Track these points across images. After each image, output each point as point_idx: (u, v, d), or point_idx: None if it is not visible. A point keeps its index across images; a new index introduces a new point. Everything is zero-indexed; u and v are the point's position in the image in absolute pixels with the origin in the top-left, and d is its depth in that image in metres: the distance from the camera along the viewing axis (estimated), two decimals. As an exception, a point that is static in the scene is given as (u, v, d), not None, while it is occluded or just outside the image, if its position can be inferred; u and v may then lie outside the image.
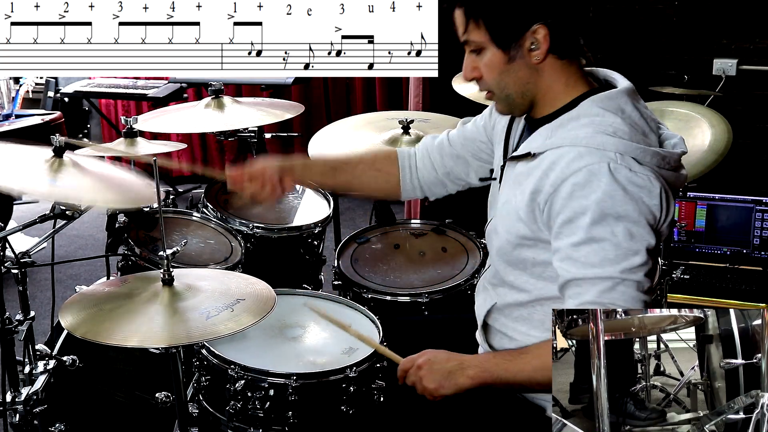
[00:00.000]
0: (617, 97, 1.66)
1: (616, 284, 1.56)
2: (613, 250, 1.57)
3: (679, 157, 1.68)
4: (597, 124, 1.63)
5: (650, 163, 1.60)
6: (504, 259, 1.80)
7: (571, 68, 1.69)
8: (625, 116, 1.64)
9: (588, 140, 1.61)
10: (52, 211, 2.15)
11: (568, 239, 1.60)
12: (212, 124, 2.91)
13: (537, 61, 1.65)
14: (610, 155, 1.59)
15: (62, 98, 4.73)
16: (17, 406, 2.17)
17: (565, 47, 1.66)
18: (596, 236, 1.57)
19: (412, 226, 2.87)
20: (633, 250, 1.57)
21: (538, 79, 1.69)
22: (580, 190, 1.58)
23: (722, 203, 3.09)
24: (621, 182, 1.57)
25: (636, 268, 1.57)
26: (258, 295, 1.92)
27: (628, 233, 1.57)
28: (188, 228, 2.70)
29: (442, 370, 1.69)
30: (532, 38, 1.63)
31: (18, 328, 2.19)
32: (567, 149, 1.62)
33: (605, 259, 1.57)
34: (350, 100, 5.05)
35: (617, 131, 1.61)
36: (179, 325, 1.77)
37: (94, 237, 4.62)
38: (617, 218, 1.56)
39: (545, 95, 1.71)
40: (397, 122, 2.76)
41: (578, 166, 1.59)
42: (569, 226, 1.60)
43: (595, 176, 1.57)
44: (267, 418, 1.95)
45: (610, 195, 1.56)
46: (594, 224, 1.57)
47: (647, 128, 1.66)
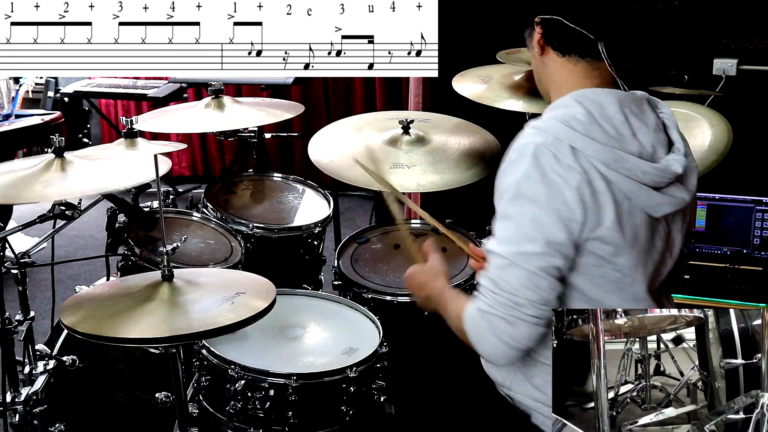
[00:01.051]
0: (601, 94, 1.66)
1: (508, 265, 1.59)
2: (514, 229, 1.60)
3: (658, 172, 1.61)
4: (560, 113, 1.64)
5: (594, 157, 1.57)
6: None
7: (576, 66, 1.69)
8: (601, 113, 1.62)
9: (539, 122, 1.64)
10: (51, 211, 2.15)
11: (496, 213, 1.65)
12: (212, 124, 2.91)
13: (538, 53, 1.74)
14: (546, 138, 1.60)
15: (62, 98, 4.73)
16: (17, 406, 2.17)
17: (563, 44, 1.69)
18: (507, 213, 1.61)
19: (412, 226, 2.87)
20: (530, 237, 1.58)
21: (544, 71, 1.76)
22: (510, 167, 1.63)
23: (722, 203, 3.09)
24: (542, 166, 1.58)
25: (528, 255, 1.58)
26: (258, 288, 1.91)
27: (533, 218, 1.58)
28: (188, 228, 2.70)
29: (417, 291, 1.89)
30: (535, 31, 1.72)
31: (18, 328, 2.19)
32: (526, 129, 1.67)
33: (506, 237, 1.61)
34: (350, 100, 5.05)
35: (571, 120, 1.61)
36: (180, 317, 1.76)
37: (94, 237, 4.62)
38: (529, 201, 1.58)
39: (552, 87, 1.75)
40: (397, 122, 2.75)
41: (516, 145, 1.64)
42: (498, 202, 1.65)
43: (522, 156, 1.61)
44: (267, 418, 1.95)
45: (528, 176, 1.59)
46: (509, 201, 1.61)
47: (629, 134, 1.62)
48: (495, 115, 2.95)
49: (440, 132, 2.81)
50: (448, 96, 3.04)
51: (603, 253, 1.61)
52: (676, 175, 1.64)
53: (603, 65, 1.68)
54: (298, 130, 4.61)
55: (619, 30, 1.69)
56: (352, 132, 2.84)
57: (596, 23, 1.67)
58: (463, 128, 2.88)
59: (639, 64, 3.75)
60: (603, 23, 1.67)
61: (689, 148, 1.74)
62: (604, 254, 1.61)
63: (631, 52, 1.72)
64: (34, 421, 2.20)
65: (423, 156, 2.67)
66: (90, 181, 2.06)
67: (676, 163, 1.65)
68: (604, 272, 1.63)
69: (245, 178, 3.08)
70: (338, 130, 2.88)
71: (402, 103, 4.55)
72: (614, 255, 1.62)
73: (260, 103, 3.03)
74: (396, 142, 2.72)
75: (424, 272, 1.89)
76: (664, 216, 1.66)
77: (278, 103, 3.07)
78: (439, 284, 1.84)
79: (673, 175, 1.64)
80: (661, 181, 1.63)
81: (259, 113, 2.90)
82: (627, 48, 1.71)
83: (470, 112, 3.00)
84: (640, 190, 1.61)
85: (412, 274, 1.92)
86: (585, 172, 1.57)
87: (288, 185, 3.08)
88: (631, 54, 1.72)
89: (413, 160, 2.64)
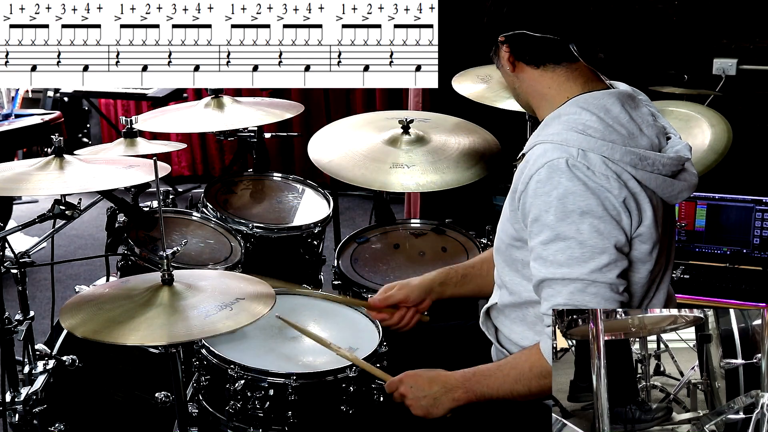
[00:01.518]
0: (602, 98, 1.66)
1: (586, 286, 1.56)
2: (578, 248, 1.56)
3: (675, 162, 1.66)
4: (569, 122, 1.63)
5: (622, 161, 1.59)
6: (501, 259, 1.82)
7: (555, 73, 1.69)
8: (608, 116, 1.63)
9: (554, 137, 1.62)
10: (51, 210, 2.15)
11: (537, 237, 1.61)
12: (212, 124, 2.91)
13: (509, 70, 1.72)
14: (571, 151, 1.59)
15: (62, 98, 4.73)
16: (17, 406, 2.17)
17: (534, 56, 1.68)
18: (562, 234, 1.57)
19: (411, 225, 2.87)
20: (600, 249, 1.56)
21: (521, 85, 1.74)
22: (543, 187, 1.59)
23: (722, 203, 3.09)
24: (581, 178, 1.57)
25: (605, 268, 1.56)
26: (257, 293, 1.91)
27: (594, 229, 1.56)
28: (188, 228, 2.70)
29: (427, 397, 1.74)
30: (501, 49, 1.71)
31: (17, 328, 2.19)
32: (538, 147, 1.65)
33: (572, 258, 1.57)
34: (350, 99, 5.05)
35: (587, 129, 1.61)
36: (179, 323, 1.76)
37: (93, 237, 4.62)
38: (581, 214, 1.56)
39: (536, 99, 1.74)
40: (397, 122, 2.75)
41: (542, 162, 1.61)
42: (537, 224, 1.61)
43: (555, 172, 1.58)
44: (267, 418, 1.95)
45: (571, 191, 1.57)
46: (559, 221, 1.57)
47: (637, 131, 1.65)
48: (495, 115, 2.95)
49: (440, 132, 2.81)
50: (448, 96, 3.04)
51: (638, 254, 1.63)
52: (686, 160, 1.68)
53: (581, 65, 1.69)
54: (298, 130, 4.61)
55: (586, 25, 1.67)
56: (352, 132, 2.84)
57: (561, 26, 1.66)
58: (463, 128, 2.87)
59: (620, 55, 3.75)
60: (568, 24, 1.66)
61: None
62: (640, 255, 1.63)
63: (602, 44, 1.71)
64: (33, 421, 2.20)
65: (423, 156, 2.67)
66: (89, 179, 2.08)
67: (683, 148, 1.69)
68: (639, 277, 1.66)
69: (245, 178, 3.08)
70: (338, 130, 2.88)
71: (402, 102, 4.55)
72: (651, 252, 1.63)
73: (260, 103, 3.03)
74: (396, 141, 2.72)
75: (419, 373, 1.78)
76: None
77: (278, 103, 3.07)
78: (457, 373, 1.74)
79: (684, 160, 1.67)
80: (677, 170, 1.66)
81: (258, 113, 2.90)
82: (598, 41, 1.70)
83: (470, 112, 3.00)
84: (664, 182, 1.63)
85: (406, 381, 1.78)
86: (619, 177, 1.58)
87: (288, 185, 3.08)
88: (603, 45, 1.71)
89: (413, 160, 2.64)
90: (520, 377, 1.66)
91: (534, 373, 1.65)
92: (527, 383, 1.65)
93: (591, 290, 1.56)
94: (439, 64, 2.30)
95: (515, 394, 1.68)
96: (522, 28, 1.66)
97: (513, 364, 1.69)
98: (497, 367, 1.73)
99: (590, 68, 1.70)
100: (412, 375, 1.79)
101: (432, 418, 1.74)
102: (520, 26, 1.67)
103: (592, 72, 1.71)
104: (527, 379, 1.65)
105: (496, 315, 1.89)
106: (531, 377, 1.65)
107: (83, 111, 4.98)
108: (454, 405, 1.73)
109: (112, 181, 2.14)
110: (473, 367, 1.75)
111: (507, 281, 1.80)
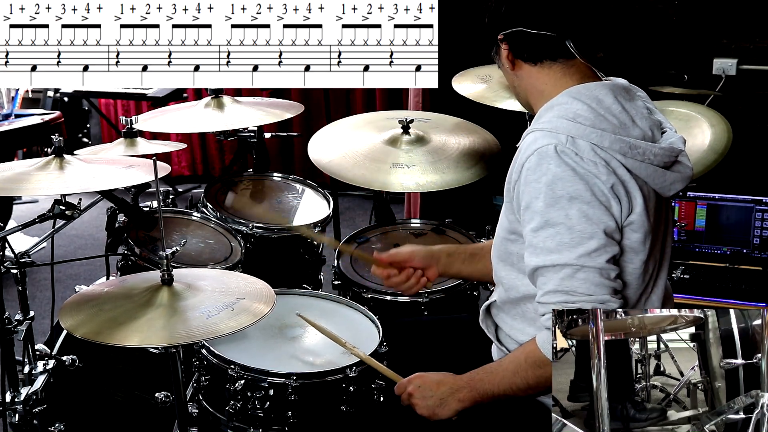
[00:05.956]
0: (594, 89, 1.67)
1: (575, 271, 1.57)
2: (567, 233, 1.57)
3: (667, 152, 1.66)
4: (560, 111, 1.65)
5: (611, 149, 1.60)
6: (496, 255, 1.84)
7: (552, 70, 1.71)
8: (600, 106, 1.64)
9: (545, 124, 1.64)
10: (51, 210, 2.15)
11: (529, 225, 1.62)
12: (212, 124, 2.91)
13: (509, 68, 1.75)
14: (560, 138, 1.60)
15: (62, 98, 4.73)
16: (17, 406, 2.16)
17: (532, 53, 1.70)
18: (551, 220, 1.58)
19: (411, 225, 2.87)
20: (588, 234, 1.57)
21: (520, 83, 1.77)
22: (532, 174, 1.61)
23: (722, 203, 3.09)
24: (569, 164, 1.58)
25: (593, 252, 1.57)
26: (258, 294, 1.92)
27: (582, 215, 1.57)
28: (188, 228, 2.70)
29: (434, 397, 1.75)
30: (501, 48, 1.73)
31: (17, 328, 2.19)
32: (529, 135, 1.67)
33: (561, 244, 1.58)
34: (350, 99, 5.05)
35: (577, 117, 1.62)
36: (179, 324, 1.76)
37: (93, 237, 4.62)
38: (570, 199, 1.57)
39: (534, 96, 1.76)
40: (397, 122, 2.75)
41: (532, 149, 1.62)
42: (528, 212, 1.62)
43: (544, 159, 1.60)
44: (267, 418, 1.95)
45: (560, 176, 1.58)
46: (548, 207, 1.58)
47: (629, 121, 1.66)
48: (495, 115, 2.95)
49: (440, 132, 2.81)
50: (447, 96, 3.04)
51: (631, 243, 1.63)
52: (680, 152, 1.69)
53: (577, 61, 1.70)
54: (298, 130, 4.61)
55: (583, 22, 1.69)
56: (352, 132, 2.84)
57: (558, 22, 1.67)
58: (463, 128, 2.88)
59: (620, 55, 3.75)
60: (565, 21, 1.68)
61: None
62: (632, 244, 1.63)
63: (601, 42, 1.72)
64: (33, 421, 2.20)
65: (423, 156, 2.67)
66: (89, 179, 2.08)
67: (677, 141, 1.70)
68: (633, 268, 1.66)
69: (245, 178, 3.08)
70: (338, 130, 2.88)
71: (402, 102, 4.55)
72: (644, 242, 1.64)
73: (260, 103, 3.03)
74: (396, 141, 2.72)
75: (428, 375, 1.80)
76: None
77: (278, 103, 3.07)
78: (464, 375, 1.76)
79: (678, 152, 1.68)
80: (669, 161, 1.66)
81: (258, 113, 2.90)
82: (596, 37, 1.71)
83: (470, 112, 3.00)
84: (656, 172, 1.64)
85: (414, 381, 1.80)
86: (607, 164, 1.59)
87: (288, 185, 3.08)
88: (601, 43, 1.72)
89: (413, 160, 2.64)
90: (517, 369, 1.68)
91: (529, 363, 1.66)
92: (524, 375, 1.67)
93: (580, 275, 1.57)
94: (439, 64, 2.30)
95: (515, 388, 1.69)
96: (519, 25, 1.69)
97: (511, 357, 1.72)
98: (498, 363, 1.76)
99: (587, 65, 1.71)
100: (420, 376, 1.81)
101: (438, 419, 1.75)
102: (517, 24, 1.69)
103: (589, 69, 1.73)
104: (524, 370, 1.66)
105: (496, 312, 1.90)
106: (527, 368, 1.66)
107: (83, 111, 4.98)
108: (460, 406, 1.74)
109: (112, 181, 2.14)
110: (479, 368, 1.77)
111: (503, 277, 1.82)
